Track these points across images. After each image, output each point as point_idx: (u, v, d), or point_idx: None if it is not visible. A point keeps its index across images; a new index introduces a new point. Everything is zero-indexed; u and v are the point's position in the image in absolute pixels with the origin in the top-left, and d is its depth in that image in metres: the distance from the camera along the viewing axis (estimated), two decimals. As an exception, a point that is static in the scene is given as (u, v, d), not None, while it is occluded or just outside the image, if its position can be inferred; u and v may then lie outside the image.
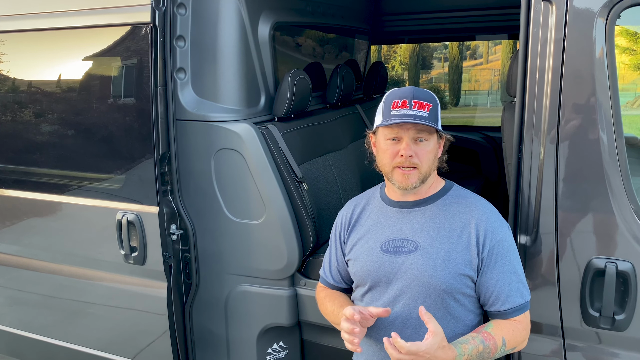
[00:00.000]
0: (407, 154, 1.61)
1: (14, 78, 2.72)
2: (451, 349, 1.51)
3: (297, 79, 2.48)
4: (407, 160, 1.62)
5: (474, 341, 1.56)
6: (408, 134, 1.62)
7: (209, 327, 2.57)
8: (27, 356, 3.08)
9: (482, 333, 1.59)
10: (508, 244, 1.66)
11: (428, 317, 1.49)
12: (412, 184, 1.64)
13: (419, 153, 1.63)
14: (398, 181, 1.66)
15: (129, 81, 2.40)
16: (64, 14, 2.47)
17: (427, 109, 1.61)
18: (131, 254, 2.48)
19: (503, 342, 1.59)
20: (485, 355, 1.57)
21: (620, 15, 1.72)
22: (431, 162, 1.66)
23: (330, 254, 1.94)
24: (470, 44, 23.70)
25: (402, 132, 1.63)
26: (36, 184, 2.77)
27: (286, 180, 2.34)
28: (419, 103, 1.61)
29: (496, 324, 1.64)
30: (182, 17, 2.31)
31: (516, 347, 1.66)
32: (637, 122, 2.39)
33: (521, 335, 1.65)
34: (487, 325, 1.64)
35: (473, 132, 4.52)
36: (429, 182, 1.71)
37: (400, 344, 1.44)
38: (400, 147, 1.63)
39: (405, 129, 1.62)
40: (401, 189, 1.67)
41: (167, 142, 2.33)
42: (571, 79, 1.76)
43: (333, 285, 1.94)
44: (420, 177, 1.65)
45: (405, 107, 1.61)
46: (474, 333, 1.60)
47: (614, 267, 1.76)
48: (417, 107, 1.61)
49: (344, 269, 1.89)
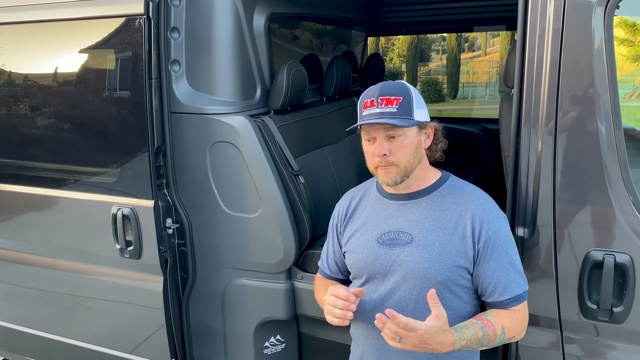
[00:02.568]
0: (380, 153, 1.62)
1: (7, 71, 2.69)
2: (451, 332, 1.50)
3: (293, 71, 2.46)
4: (382, 160, 1.62)
5: (473, 327, 1.55)
6: (379, 134, 1.62)
7: (206, 321, 2.56)
8: (24, 351, 3.08)
9: (482, 320, 1.59)
10: (504, 235, 1.65)
11: (434, 301, 1.47)
12: (392, 178, 1.64)
13: (393, 150, 1.62)
14: (381, 178, 1.67)
15: (124, 74, 2.38)
16: (57, 5, 2.44)
17: (396, 104, 1.60)
18: (127, 248, 2.47)
19: (502, 330, 1.59)
20: (485, 342, 1.57)
21: (618, 5, 1.70)
22: (410, 156, 1.64)
23: (327, 246, 1.94)
24: (468, 36, 23.66)
25: (374, 132, 1.63)
26: (31, 178, 2.75)
27: (282, 173, 2.32)
28: (385, 99, 1.60)
29: (496, 312, 1.64)
30: (176, 8, 2.28)
31: (515, 336, 1.65)
32: (635, 114, 2.37)
33: (520, 325, 1.65)
34: (486, 313, 1.63)
35: (471, 124, 4.51)
36: (418, 174, 1.69)
37: (400, 319, 1.43)
38: (374, 148, 1.64)
39: (375, 128, 1.62)
40: (386, 185, 1.68)
41: (162, 136, 2.31)
42: (569, 70, 1.74)
43: (330, 275, 1.94)
44: (400, 173, 1.64)
45: (372, 106, 1.61)
46: (474, 319, 1.60)
47: (612, 259, 1.76)
48: (384, 103, 1.60)
49: (341, 260, 1.89)
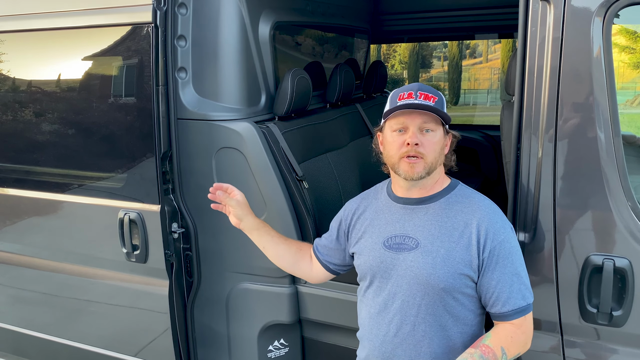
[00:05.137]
0: (412, 141, 1.61)
1: (16, 78, 2.73)
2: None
3: (297, 78, 2.49)
4: (413, 148, 1.61)
5: (472, 358, 1.54)
6: (414, 123, 1.62)
7: (211, 325, 2.58)
8: (30, 354, 3.10)
9: (481, 347, 1.57)
10: (510, 246, 1.64)
11: None
12: (417, 173, 1.63)
13: (424, 143, 1.63)
14: (404, 171, 1.65)
15: (131, 81, 2.41)
16: (66, 14, 2.48)
17: (433, 101, 1.63)
18: (133, 252, 2.49)
19: (503, 352, 1.57)
20: None
21: (618, 14, 1.73)
22: (437, 153, 1.66)
23: (327, 234, 1.99)
24: (469, 43, 23.68)
25: (408, 122, 1.63)
26: (39, 183, 2.78)
27: (287, 178, 2.35)
28: (424, 94, 1.63)
29: (494, 333, 1.63)
30: (183, 16, 2.32)
31: (519, 352, 1.65)
32: (636, 121, 2.39)
33: (521, 341, 1.64)
34: (485, 337, 1.62)
35: (472, 130, 4.53)
36: (434, 176, 1.70)
37: None
38: (406, 137, 1.63)
39: (411, 118, 1.62)
40: (407, 179, 1.66)
41: (168, 141, 2.34)
42: (569, 78, 1.77)
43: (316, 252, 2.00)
44: (425, 168, 1.63)
45: (411, 97, 1.63)
46: (471, 349, 1.58)
47: (611, 263, 1.78)
48: (423, 97, 1.63)
49: (327, 247, 1.95)
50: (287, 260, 2.01)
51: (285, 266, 2.04)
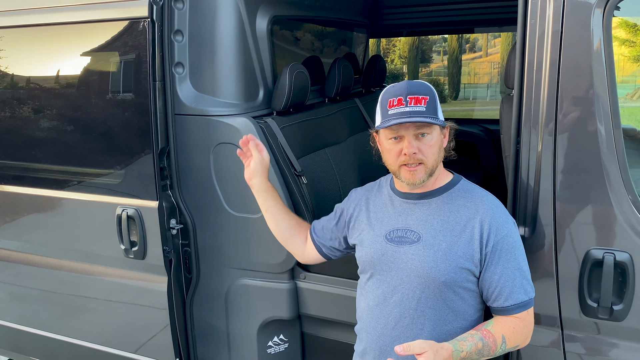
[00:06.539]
0: (410, 152, 1.61)
1: (12, 74, 2.72)
2: (445, 349, 1.49)
3: (295, 73, 2.48)
4: (411, 157, 1.61)
5: (472, 338, 1.55)
6: (408, 132, 1.61)
7: (210, 321, 2.58)
8: (29, 351, 3.10)
9: (482, 330, 1.59)
10: (513, 240, 1.65)
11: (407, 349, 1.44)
12: (419, 179, 1.64)
13: (422, 148, 1.62)
14: (406, 179, 1.65)
15: (127, 76, 2.40)
16: (62, 9, 2.46)
17: (424, 102, 1.60)
18: (131, 248, 2.49)
19: (503, 340, 1.58)
20: (485, 353, 1.57)
21: (618, 6, 1.72)
22: (436, 154, 1.66)
23: (329, 216, 1.98)
24: (469, 37, 23.66)
25: (403, 131, 1.62)
26: (36, 179, 2.77)
27: (285, 174, 2.34)
28: (414, 98, 1.60)
29: (497, 321, 1.64)
30: (179, 11, 2.30)
31: (518, 345, 1.65)
32: (636, 114, 2.38)
33: (523, 333, 1.64)
34: (487, 322, 1.64)
35: (472, 124, 4.53)
36: (434, 174, 1.70)
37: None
38: (402, 146, 1.62)
39: (405, 127, 1.61)
40: (410, 185, 1.67)
41: (165, 137, 2.33)
42: (569, 71, 1.76)
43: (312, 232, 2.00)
44: (427, 172, 1.64)
45: (401, 105, 1.60)
46: (473, 331, 1.60)
47: (611, 257, 1.77)
48: (414, 102, 1.59)
49: (324, 229, 1.96)
50: (283, 231, 2.02)
51: (280, 236, 2.05)
